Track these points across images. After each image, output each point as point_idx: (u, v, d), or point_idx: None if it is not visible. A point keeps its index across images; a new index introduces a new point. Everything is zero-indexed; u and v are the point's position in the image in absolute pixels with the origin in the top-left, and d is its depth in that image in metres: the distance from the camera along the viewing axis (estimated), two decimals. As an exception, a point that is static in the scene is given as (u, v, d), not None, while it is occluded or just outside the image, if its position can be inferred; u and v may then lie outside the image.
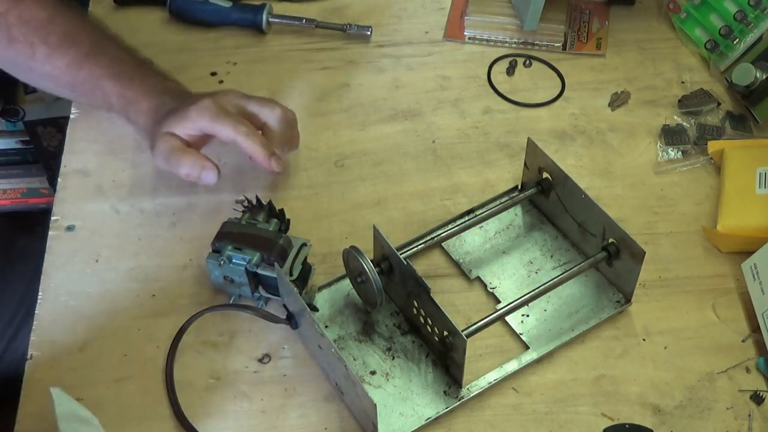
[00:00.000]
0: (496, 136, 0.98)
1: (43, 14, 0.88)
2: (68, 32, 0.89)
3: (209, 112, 0.83)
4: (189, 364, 0.79)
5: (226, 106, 0.85)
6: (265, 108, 0.87)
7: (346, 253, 0.80)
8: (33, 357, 0.79)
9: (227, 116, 0.84)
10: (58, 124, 1.53)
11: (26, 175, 1.65)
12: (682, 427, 0.76)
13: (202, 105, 0.84)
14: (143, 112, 0.87)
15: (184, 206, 0.91)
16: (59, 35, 0.88)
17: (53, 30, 0.88)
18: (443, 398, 0.77)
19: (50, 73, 0.89)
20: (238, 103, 0.87)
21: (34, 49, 0.88)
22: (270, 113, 0.87)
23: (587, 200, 0.81)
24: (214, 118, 0.83)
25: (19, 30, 0.88)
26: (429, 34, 1.08)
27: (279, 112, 0.87)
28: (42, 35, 0.88)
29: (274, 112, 0.87)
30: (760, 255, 0.82)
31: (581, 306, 0.83)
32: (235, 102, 0.87)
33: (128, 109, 0.88)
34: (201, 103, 0.84)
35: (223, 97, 0.86)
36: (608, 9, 1.11)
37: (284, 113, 0.88)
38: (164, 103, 0.87)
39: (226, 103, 0.86)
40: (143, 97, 0.88)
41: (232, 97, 0.87)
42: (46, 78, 0.90)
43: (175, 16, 1.07)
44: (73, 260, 0.86)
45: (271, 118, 0.87)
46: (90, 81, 0.89)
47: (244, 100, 0.87)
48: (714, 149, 0.94)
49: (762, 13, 0.99)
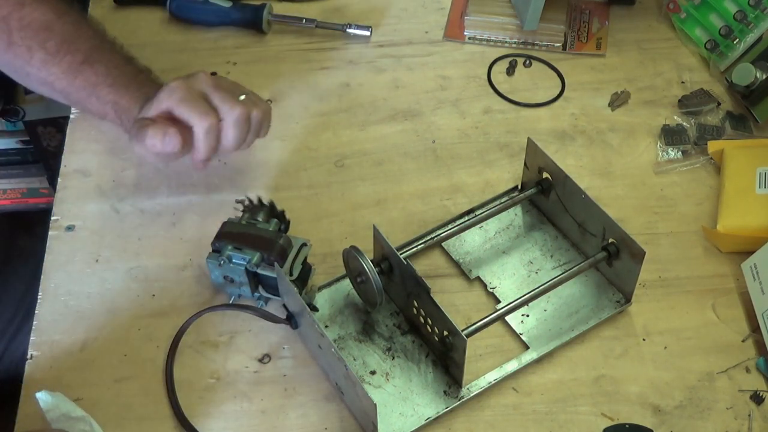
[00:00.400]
0: (496, 136, 0.98)
1: (43, 19, 0.88)
2: (66, 38, 0.89)
3: (177, 93, 0.82)
4: (189, 364, 0.79)
5: (195, 87, 0.83)
6: (224, 105, 0.82)
7: (346, 253, 0.80)
8: (33, 357, 0.79)
9: (195, 102, 0.81)
10: (58, 124, 1.53)
11: (26, 175, 1.65)
12: (682, 427, 0.76)
13: (171, 86, 0.82)
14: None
15: (184, 206, 0.91)
16: (57, 41, 0.88)
17: (51, 35, 0.88)
18: (443, 398, 0.77)
19: (46, 79, 0.89)
20: (204, 91, 0.83)
21: (32, 53, 0.88)
22: (228, 112, 0.82)
23: (587, 200, 0.81)
24: (181, 101, 0.81)
25: (19, 34, 0.88)
26: (429, 34, 1.08)
27: (237, 114, 0.82)
28: (40, 40, 0.88)
29: (233, 112, 0.82)
30: (760, 255, 0.82)
31: (581, 306, 0.83)
32: (202, 88, 0.83)
33: (123, 117, 0.88)
34: (171, 84, 0.83)
35: (193, 80, 0.84)
36: (608, 9, 1.11)
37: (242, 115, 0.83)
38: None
39: (195, 86, 0.83)
40: (137, 106, 0.87)
41: (201, 82, 0.84)
42: (43, 84, 0.91)
43: (175, 16, 1.07)
44: (73, 260, 0.86)
45: (228, 118, 0.82)
46: (86, 89, 0.89)
47: (209, 89, 0.83)
48: (714, 149, 0.94)
49: (762, 13, 0.99)
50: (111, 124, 0.96)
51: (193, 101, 0.82)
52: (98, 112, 0.90)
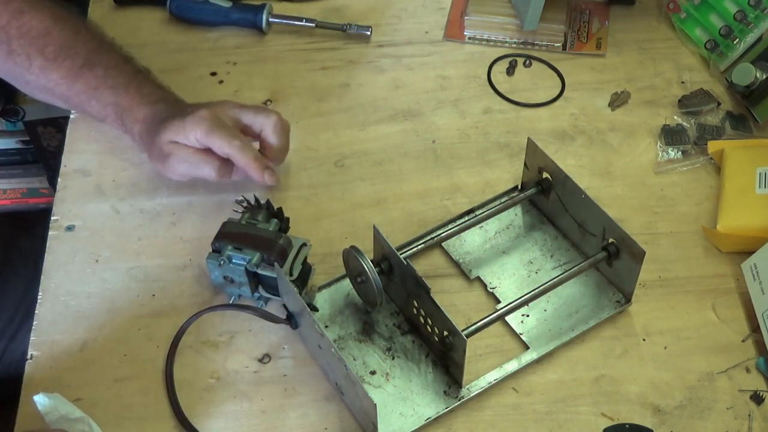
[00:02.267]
0: (496, 136, 0.98)
1: (41, 26, 0.89)
2: (64, 44, 0.89)
3: (205, 124, 0.83)
4: (189, 364, 0.79)
5: (222, 117, 0.85)
6: (259, 116, 0.87)
7: (346, 253, 0.80)
8: (33, 357, 0.79)
9: (222, 129, 0.84)
10: (58, 124, 1.53)
11: (26, 175, 1.65)
12: (682, 427, 0.76)
13: (198, 116, 0.84)
14: (139, 121, 0.88)
15: (184, 206, 0.91)
16: (56, 47, 0.89)
17: (50, 42, 0.89)
18: (443, 398, 0.77)
19: (45, 85, 0.90)
20: (233, 115, 0.86)
21: (31, 61, 0.89)
22: (265, 121, 0.87)
23: (587, 200, 0.81)
24: (209, 131, 0.83)
25: (18, 42, 0.88)
26: (429, 34, 1.08)
27: (274, 120, 0.87)
28: (39, 47, 0.88)
29: (270, 119, 0.87)
30: (760, 255, 0.82)
31: (581, 306, 0.83)
32: (231, 113, 0.86)
33: (124, 118, 0.89)
34: (197, 113, 0.84)
35: (218, 108, 0.86)
36: (608, 9, 1.11)
37: (279, 120, 0.88)
38: (159, 112, 0.87)
39: (221, 114, 0.85)
40: (138, 106, 0.88)
41: (227, 108, 0.87)
42: (43, 90, 0.91)
43: (175, 16, 1.07)
44: (73, 260, 0.86)
45: (267, 126, 0.87)
46: (86, 92, 0.89)
47: (238, 111, 0.87)
48: (714, 149, 0.94)
49: (762, 13, 0.99)
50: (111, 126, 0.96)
51: (221, 130, 0.84)
52: (99, 114, 0.90)
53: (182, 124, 0.84)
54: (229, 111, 0.86)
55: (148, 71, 0.93)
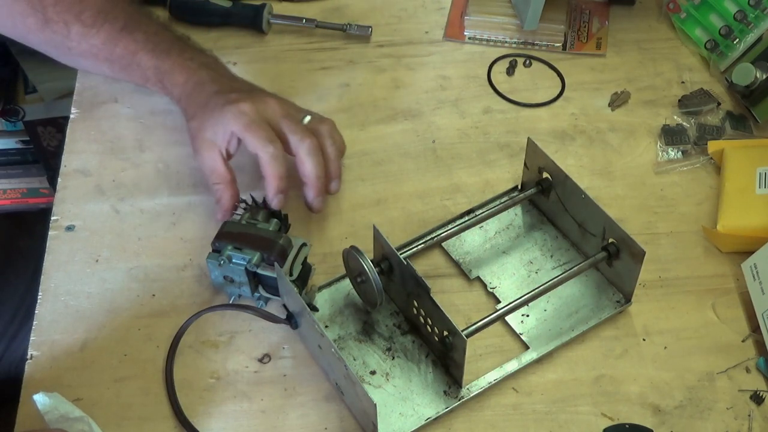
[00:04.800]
0: (496, 136, 0.98)
1: None
2: (101, 9, 0.90)
3: (244, 119, 0.82)
4: (189, 364, 0.79)
5: (263, 114, 0.84)
6: (294, 136, 0.83)
7: (346, 253, 0.80)
8: (33, 357, 0.79)
9: (260, 129, 0.82)
10: (58, 124, 1.53)
11: (26, 175, 1.65)
12: (682, 427, 0.76)
13: (240, 109, 0.83)
14: (179, 84, 0.88)
15: (184, 206, 0.91)
16: (93, 12, 0.89)
17: (86, 7, 0.89)
18: (443, 398, 0.77)
19: (89, 51, 0.90)
20: (273, 117, 0.84)
21: (69, 27, 0.89)
22: (299, 144, 0.83)
23: (587, 200, 0.81)
24: (246, 127, 0.82)
25: (54, 9, 0.88)
26: (429, 34, 1.08)
27: (308, 145, 0.83)
28: (75, 13, 0.89)
29: (303, 144, 0.83)
30: (760, 255, 0.82)
31: (581, 306, 0.83)
32: (271, 114, 0.84)
33: (164, 80, 0.89)
34: (240, 106, 0.83)
35: (262, 104, 0.84)
36: (608, 9, 1.11)
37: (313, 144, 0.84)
38: (202, 79, 0.88)
39: (263, 110, 0.84)
40: (179, 69, 0.88)
41: (271, 106, 0.85)
42: (86, 56, 0.91)
43: (175, 16, 1.07)
44: (73, 260, 0.86)
45: (300, 150, 0.83)
46: (126, 56, 0.90)
47: (281, 117, 0.84)
48: (714, 149, 0.94)
49: (762, 13, 0.99)
50: (111, 124, 0.96)
51: (258, 129, 0.82)
52: (140, 78, 0.91)
53: (222, 117, 0.83)
54: (272, 113, 0.84)
55: (187, 37, 0.93)
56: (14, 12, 0.89)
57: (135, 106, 0.98)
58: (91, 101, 0.99)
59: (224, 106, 0.84)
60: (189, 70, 0.89)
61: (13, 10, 0.89)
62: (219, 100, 0.85)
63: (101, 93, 0.99)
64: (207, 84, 0.88)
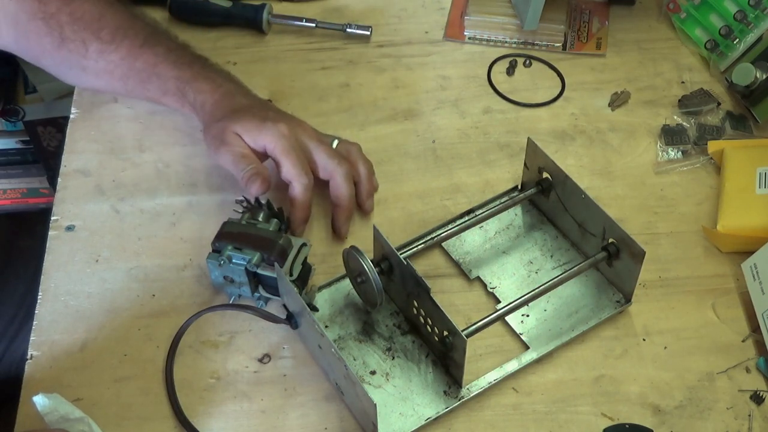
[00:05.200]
0: (496, 136, 0.98)
1: (94, 10, 0.89)
2: (120, 26, 0.90)
3: (283, 142, 0.83)
4: (189, 364, 0.79)
5: (299, 138, 0.85)
6: (331, 161, 0.85)
7: (346, 253, 0.80)
8: (33, 357, 0.79)
9: (298, 158, 0.83)
10: (58, 124, 1.53)
11: (26, 175, 1.65)
12: (682, 427, 0.76)
13: (279, 131, 0.83)
14: (204, 92, 0.88)
15: (184, 206, 0.91)
16: (111, 29, 0.89)
17: (104, 25, 0.89)
18: (443, 398, 0.77)
19: (105, 68, 0.90)
20: (309, 146, 0.85)
21: (87, 45, 0.89)
22: (336, 169, 0.85)
23: (587, 200, 0.81)
24: (285, 152, 0.83)
25: (71, 28, 0.88)
26: (429, 34, 1.08)
27: (345, 171, 0.85)
28: (94, 30, 0.89)
29: (341, 168, 0.85)
30: (760, 255, 0.82)
31: (581, 306, 0.83)
32: (307, 142, 0.85)
33: (186, 90, 0.88)
34: (278, 128, 0.83)
35: (298, 130, 0.85)
36: (608, 9, 1.11)
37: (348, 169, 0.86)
38: (230, 90, 0.88)
39: (300, 137, 0.85)
40: (204, 79, 0.88)
41: (305, 134, 0.86)
42: (101, 74, 0.91)
43: (175, 16, 1.07)
44: (73, 260, 0.86)
45: (337, 175, 0.85)
46: (146, 70, 0.89)
47: (315, 145, 0.85)
48: (714, 149, 0.94)
49: (762, 13, 0.99)
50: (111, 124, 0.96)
51: (296, 158, 0.83)
52: (157, 90, 0.90)
53: (259, 127, 0.83)
54: (307, 139, 0.85)
55: (207, 58, 0.93)
56: (30, 31, 0.89)
57: (135, 106, 0.98)
58: (91, 101, 0.99)
59: (263, 120, 0.84)
60: (215, 80, 0.89)
61: (28, 29, 0.89)
62: (256, 112, 0.85)
63: (101, 93, 0.99)
64: (236, 96, 0.88)
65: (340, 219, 0.86)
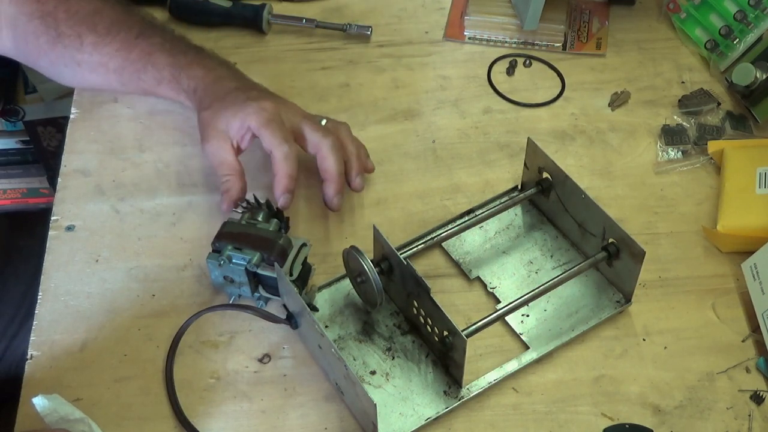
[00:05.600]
0: (496, 136, 0.98)
1: (90, 6, 0.90)
2: (116, 19, 0.91)
3: (264, 115, 0.83)
4: (189, 364, 0.79)
5: (284, 117, 0.85)
6: (316, 134, 0.85)
7: (346, 253, 0.80)
8: (33, 357, 0.79)
9: (278, 128, 0.83)
10: (58, 124, 1.53)
11: (26, 175, 1.65)
12: (682, 427, 0.76)
13: (261, 105, 0.83)
14: (197, 78, 0.88)
15: (184, 206, 0.91)
16: (107, 23, 0.90)
17: (100, 20, 0.90)
18: (443, 398, 0.77)
19: (99, 61, 0.91)
20: (295, 122, 0.85)
21: (83, 38, 0.90)
22: (322, 140, 0.84)
23: (587, 200, 0.81)
24: (266, 123, 0.83)
25: (67, 23, 0.89)
26: (429, 34, 1.08)
27: (330, 142, 0.85)
28: (90, 25, 0.90)
29: (326, 140, 0.84)
30: (760, 255, 0.82)
31: (581, 306, 0.83)
32: (294, 119, 0.85)
33: (180, 76, 0.89)
34: (261, 103, 0.84)
35: (283, 107, 0.86)
36: (608, 9, 1.11)
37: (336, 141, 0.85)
38: (222, 75, 0.88)
39: (284, 114, 0.85)
40: (198, 65, 0.89)
41: (292, 111, 0.86)
42: (96, 67, 0.91)
43: (175, 16, 1.07)
44: (73, 260, 0.86)
45: (323, 146, 0.84)
46: (141, 59, 0.90)
47: (301, 120, 0.86)
48: (714, 149, 0.94)
49: (762, 13, 0.99)
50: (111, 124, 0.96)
51: (276, 127, 0.83)
52: (152, 80, 0.91)
53: (242, 108, 0.84)
54: (292, 115, 0.86)
55: (202, 47, 0.94)
56: (27, 32, 0.90)
57: (135, 106, 0.98)
58: (91, 101, 0.99)
59: (245, 101, 0.84)
60: (208, 66, 0.89)
61: (27, 30, 0.90)
62: (239, 95, 0.86)
63: (101, 93, 0.99)
64: (227, 80, 0.88)
65: (329, 193, 0.85)
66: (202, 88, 0.88)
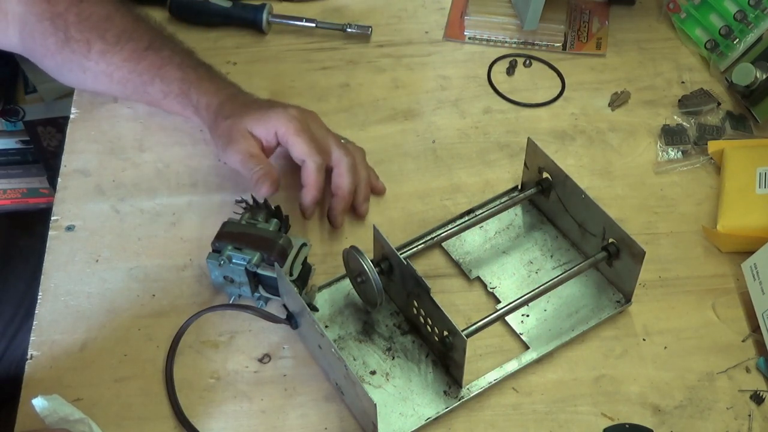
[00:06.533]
0: (496, 136, 0.98)
1: (102, 12, 0.90)
2: (126, 28, 0.90)
3: (295, 123, 0.83)
4: (189, 364, 0.79)
5: (310, 125, 0.85)
6: (339, 150, 0.86)
7: (346, 253, 0.80)
8: (33, 357, 0.79)
9: (311, 138, 0.83)
10: (58, 124, 1.53)
11: (26, 175, 1.65)
12: (682, 427, 0.76)
13: (289, 114, 0.84)
14: (209, 93, 0.88)
15: (184, 206, 0.91)
16: (117, 32, 0.90)
17: (111, 27, 0.90)
18: (443, 398, 0.77)
19: (105, 70, 0.90)
20: (320, 133, 0.86)
21: (90, 45, 0.89)
22: (343, 158, 0.86)
23: (587, 200, 0.81)
24: (298, 133, 0.83)
25: (76, 28, 0.89)
26: (429, 34, 1.08)
27: (351, 160, 0.86)
28: (99, 32, 0.89)
29: (347, 158, 0.86)
30: (760, 255, 0.82)
31: (581, 306, 0.83)
32: (318, 130, 0.86)
33: (190, 91, 0.89)
34: (288, 111, 0.84)
35: (308, 117, 0.86)
36: (608, 9, 1.11)
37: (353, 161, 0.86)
38: (234, 94, 0.88)
39: (311, 121, 0.86)
40: (210, 81, 0.89)
41: (315, 122, 0.86)
42: (100, 76, 0.91)
43: (175, 16, 1.07)
44: (73, 260, 0.86)
45: (342, 164, 0.86)
46: (149, 71, 0.90)
47: (325, 132, 0.87)
48: (714, 149, 0.94)
49: (762, 13, 0.99)
50: (111, 124, 0.96)
51: (309, 138, 0.83)
52: (159, 92, 0.90)
53: (268, 114, 0.84)
54: (318, 128, 0.86)
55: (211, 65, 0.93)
56: (36, 32, 0.90)
57: (135, 106, 0.98)
58: (91, 101, 0.99)
59: (272, 107, 0.85)
60: (219, 83, 0.89)
61: (35, 30, 0.90)
62: (263, 103, 0.86)
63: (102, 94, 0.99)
64: (241, 95, 0.89)
65: (337, 208, 0.86)
66: (218, 103, 0.87)
